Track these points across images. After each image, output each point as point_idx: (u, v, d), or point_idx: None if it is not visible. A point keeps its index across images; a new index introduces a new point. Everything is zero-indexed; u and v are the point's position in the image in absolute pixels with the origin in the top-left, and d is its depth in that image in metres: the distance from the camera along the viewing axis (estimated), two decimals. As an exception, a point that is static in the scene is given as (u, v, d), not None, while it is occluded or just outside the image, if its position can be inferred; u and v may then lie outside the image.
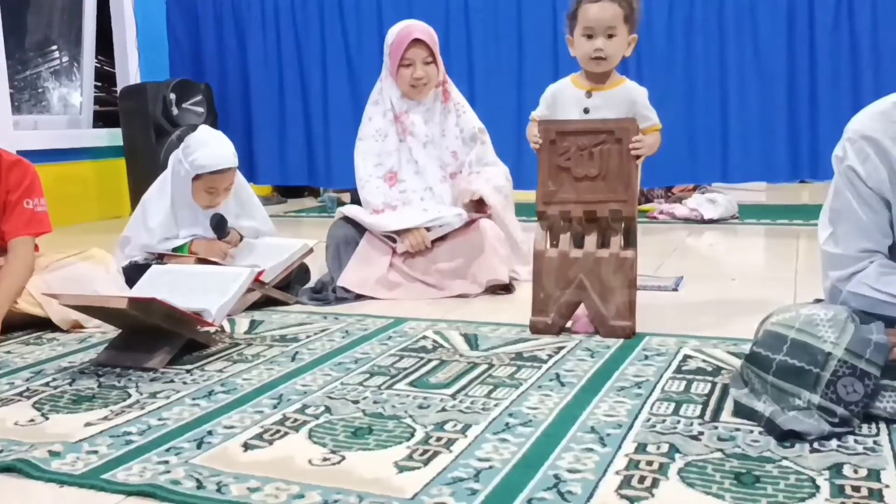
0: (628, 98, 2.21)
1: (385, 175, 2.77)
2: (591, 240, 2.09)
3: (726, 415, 1.48)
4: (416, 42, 2.70)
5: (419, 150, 2.78)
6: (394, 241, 2.67)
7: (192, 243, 2.63)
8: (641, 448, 1.35)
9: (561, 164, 2.10)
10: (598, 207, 2.08)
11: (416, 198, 2.74)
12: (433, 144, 2.79)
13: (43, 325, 2.25)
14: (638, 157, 2.10)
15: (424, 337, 2.09)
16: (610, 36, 2.16)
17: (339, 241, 2.68)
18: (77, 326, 2.23)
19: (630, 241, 2.08)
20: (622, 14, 2.15)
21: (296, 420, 1.52)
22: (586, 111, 2.22)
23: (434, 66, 2.74)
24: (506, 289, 2.60)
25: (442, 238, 2.65)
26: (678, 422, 1.46)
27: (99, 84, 5.51)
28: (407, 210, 2.72)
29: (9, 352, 2.06)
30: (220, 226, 2.64)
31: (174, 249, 2.61)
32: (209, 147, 2.57)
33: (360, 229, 2.70)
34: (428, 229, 2.65)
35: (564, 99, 2.27)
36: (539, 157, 2.13)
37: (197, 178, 2.56)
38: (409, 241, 2.64)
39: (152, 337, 1.91)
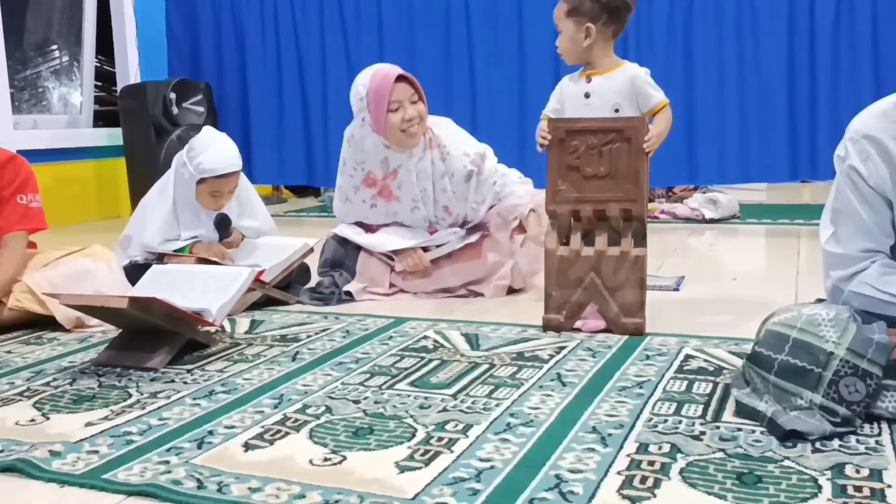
0: (627, 77, 2.25)
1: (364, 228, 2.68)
2: (601, 238, 2.09)
3: (728, 415, 1.48)
4: (400, 79, 2.49)
5: (406, 214, 2.61)
6: (391, 258, 2.61)
7: (194, 246, 2.62)
8: (643, 448, 1.34)
9: (570, 162, 2.11)
10: (607, 206, 2.08)
11: (419, 241, 2.60)
12: (425, 202, 2.60)
13: (44, 324, 2.24)
14: (649, 152, 2.11)
15: (425, 337, 2.09)
16: (560, 30, 2.30)
17: (332, 263, 2.63)
18: (80, 325, 2.23)
19: (639, 239, 2.08)
20: (564, 9, 2.27)
21: (296, 420, 1.52)
22: (587, 96, 2.27)
23: (421, 103, 2.52)
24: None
25: (443, 257, 2.60)
26: (680, 422, 1.45)
27: (99, 84, 5.50)
28: (402, 229, 2.63)
29: (9, 351, 2.06)
30: (222, 225, 2.64)
31: (176, 250, 2.61)
32: (214, 150, 2.56)
33: (351, 251, 2.64)
34: (426, 249, 2.59)
35: (569, 89, 2.33)
36: (548, 155, 2.14)
37: (201, 181, 2.55)
38: (406, 262, 2.57)
39: (153, 337, 1.91)
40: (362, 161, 2.60)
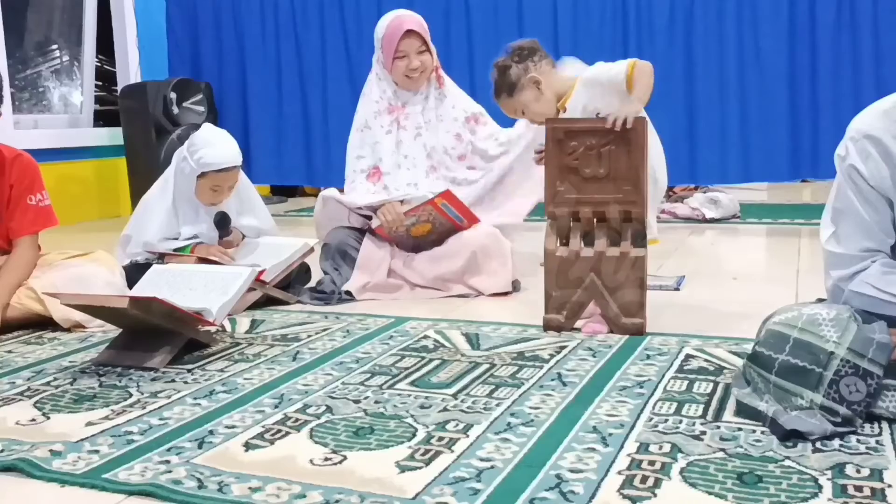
0: (588, 84, 2.29)
1: (368, 169, 2.76)
2: (600, 239, 2.09)
3: (728, 414, 1.48)
4: (409, 33, 2.68)
5: (409, 143, 2.76)
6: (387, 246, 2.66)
7: (195, 247, 2.62)
8: (643, 448, 1.34)
9: (569, 164, 2.11)
10: (607, 208, 2.08)
11: (398, 194, 2.70)
12: (430, 131, 2.77)
13: (44, 324, 2.25)
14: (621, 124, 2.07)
15: (426, 336, 2.09)
16: (523, 113, 2.43)
17: (335, 250, 2.65)
18: (78, 326, 2.23)
19: (639, 240, 2.08)
20: (505, 98, 2.42)
21: (297, 420, 1.52)
22: None
23: (428, 54, 2.74)
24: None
25: (438, 244, 2.62)
26: (680, 421, 1.45)
27: (99, 83, 5.50)
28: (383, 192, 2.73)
29: (10, 351, 2.06)
30: (222, 223, 2.64)
31: (176, 249, 2.61)
32: (215, 145, 2.57)
33: (355, 236, 2.67)
34: (402, 203, 2.64)
35: None
36: (546, 156, 2.15)
37: (202, 176, 2.56)
38: (383, 214, 2.62)
39: (153, 336, 1.91)
40: (384, 89, 2.79)
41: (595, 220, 2.11)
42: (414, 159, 2.76)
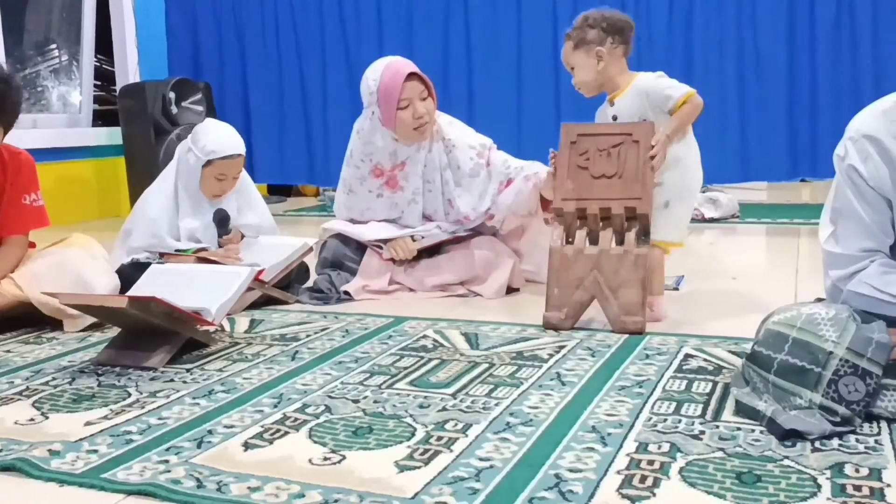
0: (641, 91, 2.25)
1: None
2: (605, 237, 2.11)
3: (727, 414, 1.48)
4: (410, 77, 2.50)
5: (405, 207, 2.64)
6: (381, 250, 2.64)
7: (199, 250, 2.62)
8: (643, 447, 1.34)
9: (580, 163, 2.16)
10: (613, 204, 2.10)
11: (409, 231, 2.63)
12: (429, 193, 2.63)
13: (43, 322, 2.24)
14: (653, 157, 2.12)
15: (425, 336, 2.09)
16: (572, 69, 2.32)
17: (331, 263, 2.63)
18: (60, 313, 2.19)
19: (644, 239, 2.09)
20: (570, 46, 2.30)
21: (296, 419, 1.51)
22: (615, 118, 2.30)
23: (431, 100, 2.56)
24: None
25: (437, 252, 2.62)
26: (679, 421, 1.45)
27: (98, 83, 5.50)
28: (390, 226, 2.67)
29: (8, 351, 2.06)
30: (222, 221, 2.65)
31: (178, 250, 2.61)
32: (219, 134, 2.62)
33: (351, 251, 2.64)
34: (414, 240, 2.61)
35: (600, 118, 2.36)
36: (558, 156, 2.20)
37: (207, 164, 2.58)
38: (394, 249, 2.59)
39: (152, 336, 1.91)
40: (370, 153, 2.61)
41: (601, 218, 2.13)
42: (408, 225, 2.67)
